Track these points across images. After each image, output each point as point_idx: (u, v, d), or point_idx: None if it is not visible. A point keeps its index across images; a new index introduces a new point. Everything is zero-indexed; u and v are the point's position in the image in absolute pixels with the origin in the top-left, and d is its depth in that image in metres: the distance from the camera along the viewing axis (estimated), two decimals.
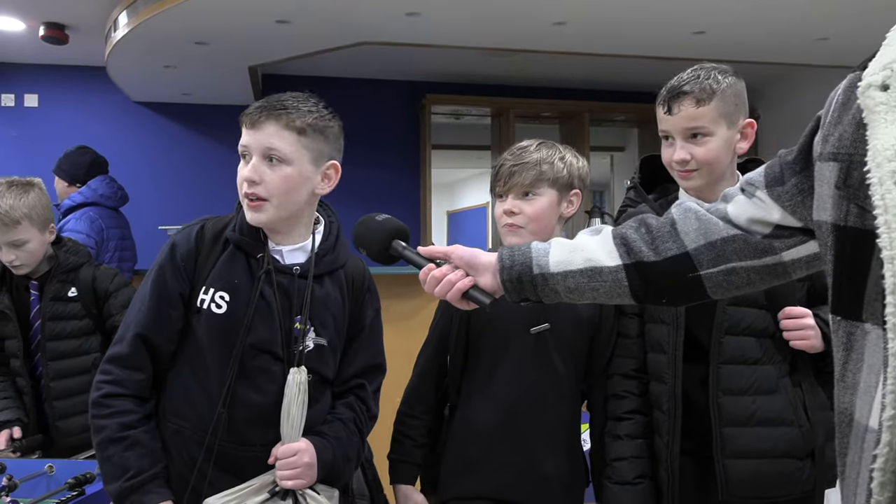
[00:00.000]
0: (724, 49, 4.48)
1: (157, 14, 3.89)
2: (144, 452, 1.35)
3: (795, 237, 0.96)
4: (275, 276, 1.40)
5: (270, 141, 1.35)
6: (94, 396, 1.38)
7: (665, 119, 1.52)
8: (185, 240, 1.43)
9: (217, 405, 1.37)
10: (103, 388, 1.37)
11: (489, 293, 1.14)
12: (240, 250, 1.41)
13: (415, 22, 4.13)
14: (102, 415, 1.36)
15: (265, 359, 1.40)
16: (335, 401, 1.51)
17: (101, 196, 3.48)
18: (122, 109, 5.82)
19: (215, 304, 1.39)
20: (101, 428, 1.35)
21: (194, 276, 1.40)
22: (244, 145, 1.37)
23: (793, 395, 1.52)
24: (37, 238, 2.09)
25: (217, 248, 1.42)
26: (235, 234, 1.42)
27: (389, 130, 6.19)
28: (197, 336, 1.40)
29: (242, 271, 1.40)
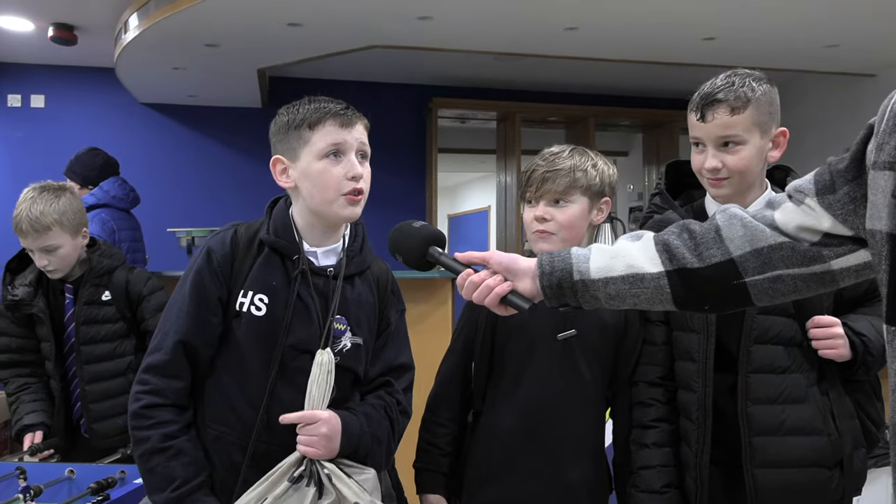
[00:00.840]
0: (733, 55, 4.48)
1: (170, 16, 3.89)
2: (189, 461, 1.35)
3: (845, 245, 0.96)
4: (311, 277, 1.41)
5: (363, 137, 1.43)
6: (133, 408, 1.36)
7: (697, 126, 1.51)
8: (220, 244, 1.43)
9: (259, 408, 1.37)
10: (143, 398, 1.36)
11: (528, 298, 1.14)
12: (275, 253, 1.42)
13: (427, 26, 4.13)
14: (144, 426, 1.35)
15: (305, 359, 1.40)
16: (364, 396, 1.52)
17: (112, 198, 3.48)
18: (127, 111, 5.83)
19: (255, 307, 1.40)
20: (144, 439, 1.34)
21: (231, 279, 1.41)
22: (339, 143, 1.40)
23: (821, 404, 1.51)
24: (69, 243, 2.09)
25: (252, 251, 1.43)
26: (271, 237, 1.43)
27: (396, 134, 6.20)
28: (236, 339, 1.40)
29: (279, 273, 1.41)
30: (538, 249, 1.59)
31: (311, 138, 1.39)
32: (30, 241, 2.06)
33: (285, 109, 1.44)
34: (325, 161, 1.39)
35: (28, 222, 2.03)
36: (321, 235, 1.46)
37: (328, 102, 1.41)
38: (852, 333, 1.49)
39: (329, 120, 1.39)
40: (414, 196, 6.26)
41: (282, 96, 5.76)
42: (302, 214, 1.46)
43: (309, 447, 1.36)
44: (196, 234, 3.85)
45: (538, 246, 1.59)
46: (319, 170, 1.39)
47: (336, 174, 1.39)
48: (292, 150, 1.42)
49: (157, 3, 3.96)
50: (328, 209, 1.41)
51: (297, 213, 1.46)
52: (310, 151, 1.39)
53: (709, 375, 1.51)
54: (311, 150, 1.39)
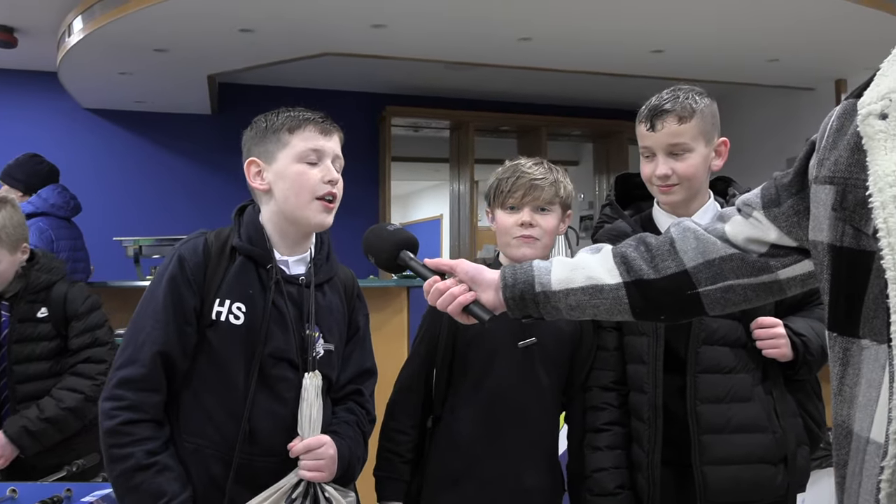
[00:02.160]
0: (680, 68, 4.63)
1: (116, 19, 3.81)
2: (175, 476, 1.31)
3: (791, 256, 1.00)
4: (284, 285, 1.42)
5: (338, 149, 1.47)
6: (109, 425, 1.31)
7: (647, 136, 1.57)
8: (192, 252, 1.40)
9: (239, 417, 1.35)
10: (120, 415, 1.31)
11: (489, 309, 1.16)
12: (250, 261, 1.41)
13: (380, 34, 4.14)
14: (124, 443, 1.30)
15: (283, 367, 1.40)
16: (335, 406, 1.52)
17: (51, 206, 3.36)
18: (71, 116, 5.68)
19: (233, 316, 1.38)
20: (126, 457, 1.29)
21: (204, 288, 1.39)
22: (318, 149, 1.42)
23: (766, 403, 1.56)
24: (6, 259, 2.00)
25: (224, 259, 1.41)
26: (245, 244, 1.42)
27: (349, 142, 6.03)
28: (213, 349, 1.38)
29: (255, 282, 1.41)
30: (521, 254, 1.60)
31: (291, 141, 1.40)
32: None
33: (263, 116, 1.45)
34: (302, 164, 1.40)
35: None
36: (291, 243, 1.46)
37: (308, 111, 1.45)
38: (793, 334, 1.55)
39: (310, 126, 1.42)
40: (367, 204, 6.23)
41: (232, 103, 5.74)
42: (272, 220, 1.44)
43: (318, 472, 1.37)
44: (143, 242, 3.76)
45: (521, 251, 1.61)
46: (297, 171, 1.40)
47: (313, 176, 1.40)
48: (269, 153, 1.42)
49: (102, 6, 3.88)
50: (301, 213, 1.41)
51: (267, 219, 1.45)
52: (287, 154, 1.40)
53: (659, 377, 1.55)
54: (290, 153, 1.40)
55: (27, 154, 3.55)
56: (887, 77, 0.80)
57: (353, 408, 1.52)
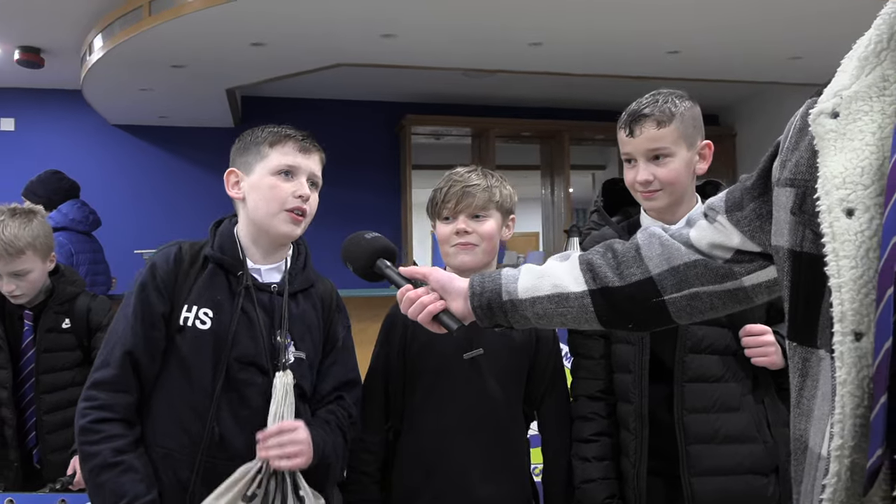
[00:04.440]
0: (698, 68, 4.55)
1: (133, 37, 3.90)
2: (139, 478, 1.34)
3: (755, 262, 0.97)
4: (255, 292, 1.45)
5: (316, 168, 1.50)
6: (81, 423, 1.36)
7: (627, 142, 1.55)
8: (164, 260, 1.45)
9: (206, 421, 1.38)
10: (90, 413, 1.36)
11: (458, 319, 1.15)
12: (220, 269, 1.46)
13: (390, 44, 4.16)
14: (92, 441, 1.34)
15: (251, 371, 1.42)
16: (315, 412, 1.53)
17: (71, 220, 3.45)
18: (99, 132, 5.82)
19: (199, 321, 1.42)
20: (93, 454, 1.33)
21: (174, 295, 1.43)
22: (294, 165, 1.46)
23: (756, 412, 1.52)
24: (39, 268, 2.05)
25: (195, 267, 1.46)
26: (216, 253, 1.46)
27: (369, 151, 6.20)
28: (181, 354, 1.41)
29: (224, 289, 1.45)
30: (460, 262, 1.60)
31: (269, 154, 1.46)
32: (1, 265, 2.00)
33: (250, 130, 1.51)
34: (276, 177, 1.45)
35: (2, 245, 1.97)
36: (265, 252, 1.50)
37: (291, 129, 1.49)
38: (784, 341, 1.50)
39: (290, 142, 1.47)
40: (389, 213, 6.26)
41: (254, 115, 5.81)
42: (246, 229, 1.50)
43: (295, 458, 1.36)
44: None
45: (460, 258, 1.60)
46: (269, 184, 1.45)
47: (284, 189, 1.45)
48: (248, 164, 1.48)
49: (121, 23, 3.97)
50: (270, 222, 1.46)
51: (242, 228, 1.50)
52: (264, 166, 1.46)
53: (644, 386, 1.53)
54: (266, 166, 1.46)
55: (49, 171, 3.65)
56: (844, 73, 0.77)
57: (332, 409, 1.53)
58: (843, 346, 0.67)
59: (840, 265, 0.69)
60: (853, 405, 0.66)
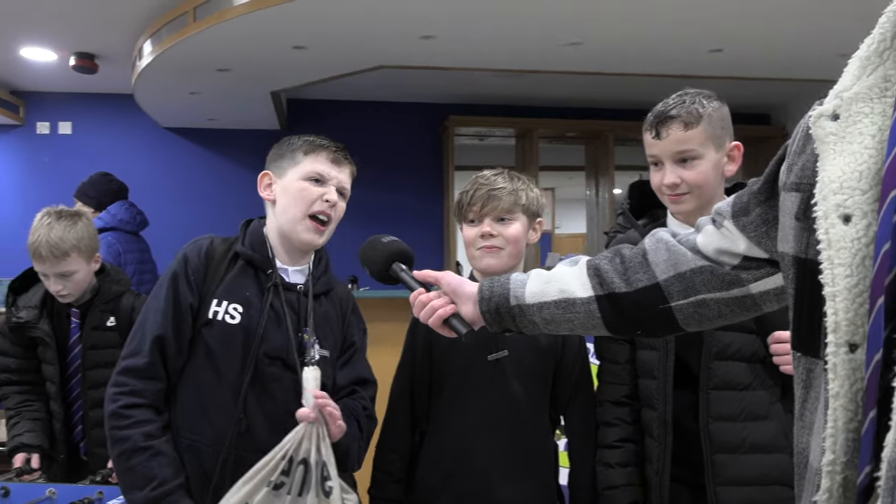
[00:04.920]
0: (742, 66, 4.44)
1: (179, 42, 4.00)
2: (168, 462, 1.38)
3: (763, 269, 0.95)
4: (282, 291, 1.50)
5: (346, 181, 1.56)
6: (112, 408, 1.40)
7: (653, 144, 1.52)
8: (195, 253, 1.50)
9: (232, 414, 1.42)
10: (120, 398, 1.40)
11: (468, 323, 1.16)
12: (250, 266, 1.51)
13: (430, 45, 4.17)
14: (123, 426, 1.38)
15: (278, 366, 1.47)
16: None
17: (119, 221, 3.56)
18: (151, 135, 5.98)
19: (229, 316, 1.46)
20: (123, 439, 1.38)
21: (203, 288, 1.48)
22: (324, 174, 1.52)
23: (784, 421, 1.48)
24: (84, 269, 2.12)
25: (225, 263, 1.51)
26: (246, 250, 1.52)
27: (413, 152, 6.22)
28: (209, 347, 1.46)
29: (253, 285, 1.50)
30: (485, 265, 1.60)
31: (302, 161, 1.52)
32: (47, 266, 2.07)
33: (287, 138, 1.57)
34: (306, 182, 1.50)
35: (47, 248, 2.03)
36: (290, 254, 1.55)
37: (327, 140, 1.56)
38: None
39: (323, 152, 1.52)
40: (431, 214, 6.26)
41: (299, 118, 5.89)
42: (274, 231, 1.55)
43: (337, 421, 1.41)
44: None
45: (485, 262, 1.60)
46: (299, 187, 1.50)
47: (312, 192, 1.50)
48: (281, 168, 1.54)
49: (167, 29, 4.08)
50: (292, 228, 1.51)
51: (271, 230, 1.55)
52: (296, 171, 1.51)
53: (668, 392, 1.50)
54: (298, 171, 1.51)
55: (99, 173, 3.77)
56: (847, 74, 0.74)
57: (346, 402, 1.55)
58: (837, 357, 0.65)
59: (835, 273, 0.66)
60: (846, 419, 0.64)
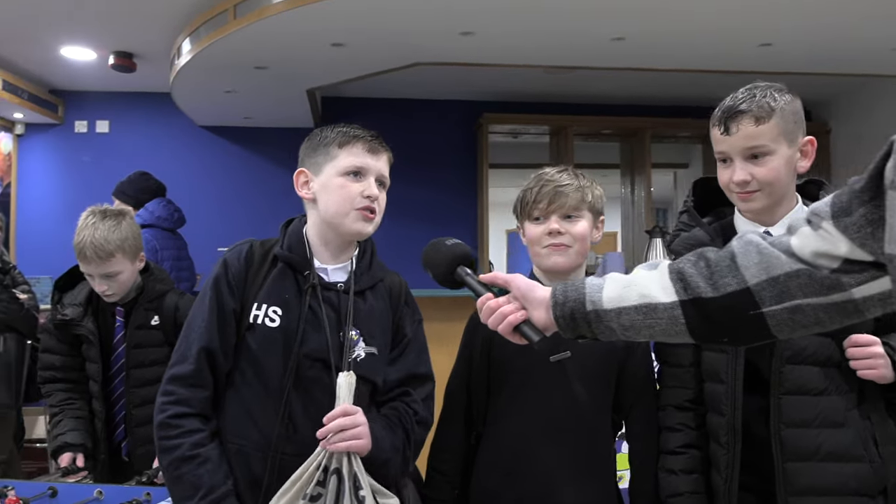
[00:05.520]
0: (791, 61, 4.33)
1: (218, 40, 4.01)
2: (215, 469, 1.37)
3: (866, 272, 0.89)
4: (321, 291, 1.46)
5: (384, 169, 1.52)
6: (160, 418, 1.40)
7: (722, 140, 1.47)
8: (236, 258, 1.48)
9: (278, 418, 1.40)
10: (168, 409, 1.39)
11: (540, 329, 1.12)
12: (289, 268, 1.48)
13: (469, 41, 4.13)
14: (171, 435, 1.38)
15: (318, 368, 1.44)
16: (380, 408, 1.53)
17: (157, 218, 3.57)
18: (187, 133, 6.01)
19: (269, 319, 1.44)
20: (172, 448, 1.37)
21: (245, 293, 1.46)
22: (362, 166, 1.48)
23: (862, 429, 1.42)
24: (129, 269, 2.12)
25: (265, 266, 1.49)
26: (285, 252, 1.49)
27: (446, 150, 6.19)
28: (252, 351, 1.44)
29: (292, 287, 1.47)
30: (553, 263, 1.57)
31: (338, 155, 1.47)
32: (92, 267, 2.07)
33: (318, 130, 1.53)
34: (345, 178, 1.47)
35: (92, 249, 2.04)
36: (333, 251, 1.51)
37: (360, 129, 1.51)
38: (894, 353, 1.40)
39: (358, 143, 1.48)
40: (465, 212, 6.23)
41: (334, 115, 5.88)
42: (316, 229, 1.51)
43: (354, 440, 1.37)
44: None
45: (553, 259, 1.57)
46: (339, 184, 1.46)
47: (354, 190, 1.46)
48: (317, 165, 1.50)
49: (206, 28, 4.09)
50: (341, 221, 1.47)
51: (311, 228, 1.52)
52: (333, 167, 1.47)
53: (738, 397, 1.45)
54: (335, 166, 1.47)
55: (137, 172, 3.79)
56: None
57: (396, 405, 1.52)
58: None
59: None
60: None
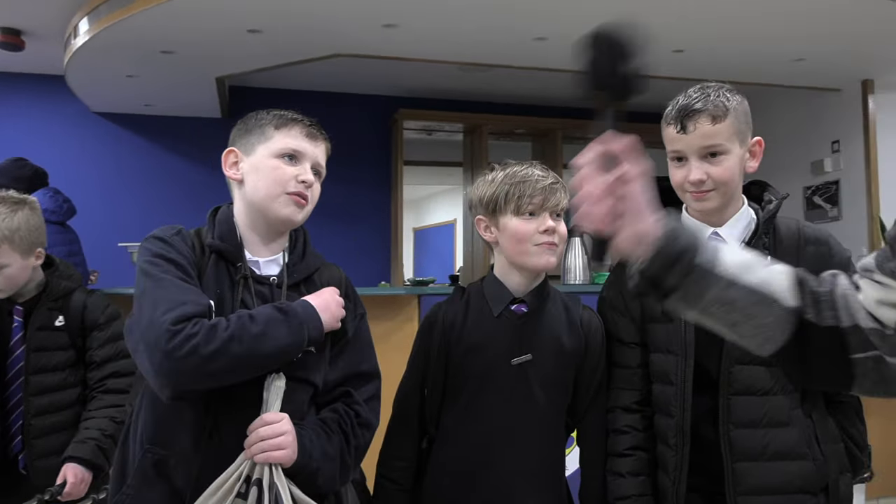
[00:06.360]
0: (701, 68, 4.48)
1: (122, 20, 3.75)
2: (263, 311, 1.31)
3: None
4: (253, 285, 1.37)
5: (321, 157, 1.44)
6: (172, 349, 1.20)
7: (678, 138, 1.46)
8: (181, 241, 1.35)
9: (202, 423, 1.28)
10: (178, 334, 1.20)
11: (609, 253, 0.88)
12: (221, 259, 1.38)
13: (392, 34, 4.05)
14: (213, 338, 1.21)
15: None
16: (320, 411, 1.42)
17: (43, 211, 3.26)
18: (80, 120, 5.65)
19: None
20: (228, 340, 1.21)
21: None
22: (298, 150, 1.40)
23: (805, 427, 1.45)
24: (17, 263, 1.91)
25: (204, 259, 1.37)
26: (217, 242, 1.38)
27: (360, 146, 6.09)
28: None
29: (225, 280, 1.37)
30: (545, 262, 1.50)
31: (273, 136, 1.40)
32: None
33: (254, 112, 1.45)
34: (279, 160, 1.39)
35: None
36: (263, 239, 1.41)
37: (299, 114, 1.44)
38: None
39: (297, 126, 1.41)
40: (379, 209, 6.15)
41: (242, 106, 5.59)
42: (243, 214, 1.41)
43: (278, 450, 1.25)
44: None
45: (545, 258, 1.50)
46: (272, 165, 1.38)
47: (287, 172, 1.38)
48: (250, 145, 1.41)
49: (109, 6, 3.82)
50: (269, 205, 1.38)
51: (238, 213, 1.42)
52: (267, 147, 1.39)
53: (687, 399, 1.45)
54: (269, 147, 1.39)
55: (9, 159, 3.46)
56: None
57: (336, 408, 1.41)
58: None
59: None
60: None
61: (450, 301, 1.59)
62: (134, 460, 1.31)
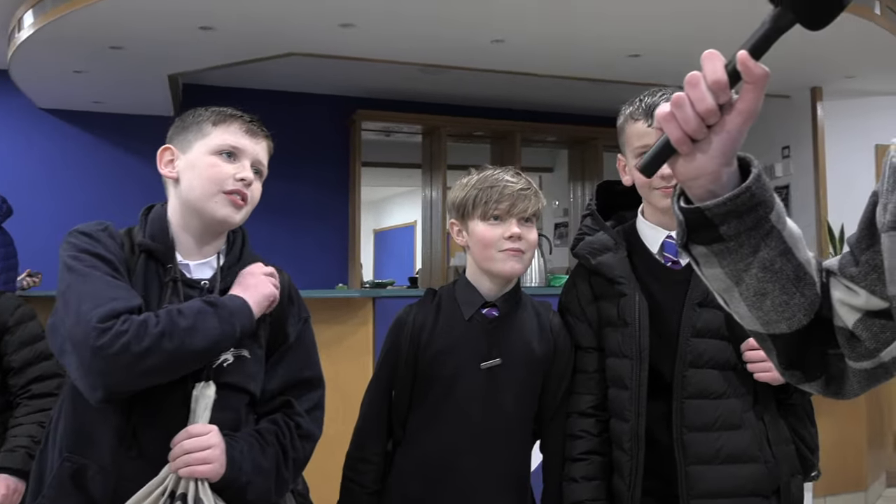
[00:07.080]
0: (657, 73, 4.54)
1: (68, 13, 3.65)
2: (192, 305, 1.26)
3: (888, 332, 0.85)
4: (182, 288, 1.30)
5: (262, 155, 1.38)
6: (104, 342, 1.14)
7: (648, 132, 1.45)
8: (109, 238, 1.28)
9: (123, 432, 1.22)
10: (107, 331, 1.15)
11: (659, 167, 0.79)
12: (151, 259, 1.31)
13: (349, 34, 4.01)
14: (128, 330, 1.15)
15: None
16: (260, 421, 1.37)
17: None
18: (25, 116, 5.46)
19: None
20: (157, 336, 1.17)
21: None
22: (237, 147, 1.34)
23: (757, 430, 1.46)
24: None
25: (133, 258, 1.31)
26: (147, 241, 1.32)
27: (318, 146, 6.02)
28: None
29: (154, 282, 1.30)
30: (510, 269, 1.50)
31: (211, 132, 1.34)
32: None
33: (192, 109, 1.39)
34: (217, 157, 1.33)
35: None
36: (196, 240, 1.35)
37: (239, 111, 1.39)
38: None
39: (235, 122, 1.36)
40: (337, 210, 6.09)
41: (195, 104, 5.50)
42: (177, 214, 1.35)
43: (203, 464, 1.19)
44: None
45: (510, 265, 1.50)
46: (209, 163, 1.32)
47: (225, 171, 1.32)
48: (186, 142, 1.35)
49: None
50: (205, 204, 1.32)
51: (173, 213, 1.36)
52: (204, 144, 1.33)
53: (642, 403, 1.45)
54: (206, 144, 1.33)
55: None
56: None
57: (275, 419, 1.35)
58: None
59: None
60: None
61: (421, 303, 1.58)
62: (52, 469, 1.24)
